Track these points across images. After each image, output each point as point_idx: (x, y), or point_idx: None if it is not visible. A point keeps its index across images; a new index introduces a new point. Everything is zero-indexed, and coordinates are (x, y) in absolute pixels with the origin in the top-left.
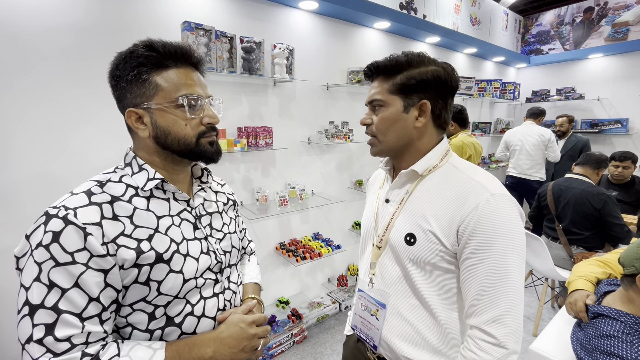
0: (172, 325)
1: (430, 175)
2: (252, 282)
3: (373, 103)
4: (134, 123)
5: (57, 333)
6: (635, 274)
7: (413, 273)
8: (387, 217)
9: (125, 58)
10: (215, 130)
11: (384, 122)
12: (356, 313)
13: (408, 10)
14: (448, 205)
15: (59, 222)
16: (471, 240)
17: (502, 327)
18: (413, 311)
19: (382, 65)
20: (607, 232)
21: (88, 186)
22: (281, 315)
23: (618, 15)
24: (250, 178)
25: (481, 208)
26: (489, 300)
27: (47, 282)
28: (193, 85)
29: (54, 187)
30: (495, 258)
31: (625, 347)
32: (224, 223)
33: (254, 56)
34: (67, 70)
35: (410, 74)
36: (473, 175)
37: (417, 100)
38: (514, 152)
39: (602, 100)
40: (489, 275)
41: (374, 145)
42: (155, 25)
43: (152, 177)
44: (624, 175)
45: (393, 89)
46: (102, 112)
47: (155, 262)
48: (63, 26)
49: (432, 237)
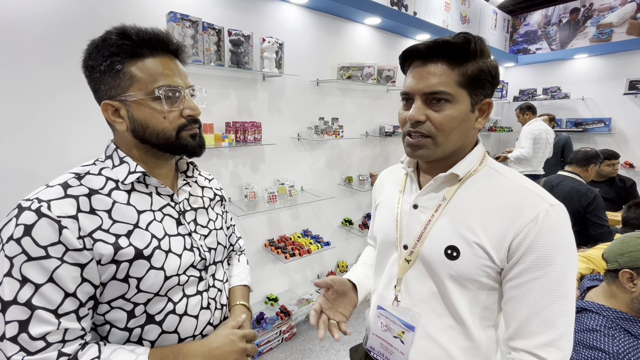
0: (153, 324)
1: (470, 180)
2: (240, 284)
3: (435, 95)
4: (111, 116)
5: (31, 330)
6: (618, 270)
7: (451, 290)
8: (419, 226)
9: (97, 46)
10: (197, 122)
11: (451, 121)
12: (374, 333)
13: (399, 7)
14: (498, 215)
15: (31, 215)
16: (528, 256)
17: (558, 351)
18: (446, 332)
19: (452, 45)
20: (587, 230)
21: (65, 178)
22: (270, 312)
23: (603, 17)
24: (239, 174)
25: (541, 221)
26: (545, 322)
27: (19, 277)
28: (171, 75)
29: (33, 183)
30: (554, 276)
31: (608, 340)
32: (210, 219)
33: (243, 49)
34: (48, 61)
35: (480, 65)
36: (521, 181)
37: (481, 98)
38: (544, 148)
39: (587, 100)
40: (546, 295)
41: (426, 147)
42: (140, 15)
43: (134, 170)
44: (615, 173)
45: (463, 81)
46: (85, 104)
47: (135, 259)
48: (44, 16)
49: (480, 251)
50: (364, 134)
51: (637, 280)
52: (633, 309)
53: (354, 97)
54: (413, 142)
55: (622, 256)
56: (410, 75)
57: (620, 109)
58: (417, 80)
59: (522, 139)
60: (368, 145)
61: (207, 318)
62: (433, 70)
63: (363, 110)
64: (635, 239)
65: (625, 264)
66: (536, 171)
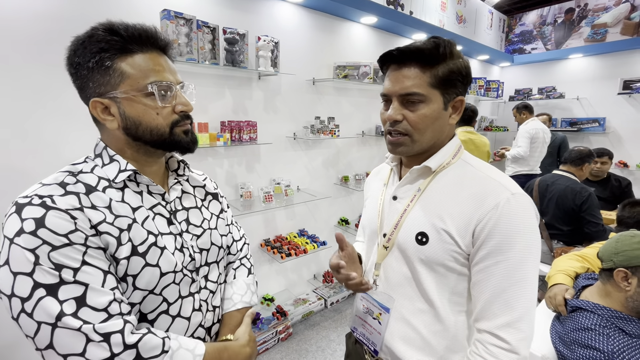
0: (145, 322)
1: (443, 172)
2: (234, 310)
3: (409, 97)
4: (100, 114)
5: (90, 302)
6: (612, 269)
7: (422, 275)
8: (396, 215)
9: (84, 43)
10: (189, 118)
11: (425, 120)
12: (357, 315)
13: (395, 6)
14: (465, 204)
15: (37, 209)
16: (489, 241)
17: (516, 332)
18: (419, 316)
19: (422, 50)
20: (582, 228)
21: (60, 177)
22: (266, 312)
23: (597, 17)
24: (234, 173)
25: (501, 208)
26: (504, 304)
27: (51, 265)
28: (162, 71)
29: (24, 181)
30: (513, 260)
31: (602, 339)
32: (205, 218)
33: (238, 48)
34: (38, 59)
35: (450, 67)
36: (490, 173)
37: (454, 96)
38: (541, 148)
39: (582, 100)
40: (506, 278)
41: (404, 144)
42: (132, 13)
43: (124, 168)
44: (602, 171)
45: (435, 82)
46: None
47: (131, 255)
48: (36, 12)
49: (447, 237)
50: (360, 134)
51: (632, 279)
52: (628, 307)
53: (350, 96)
54: (393, 140)
55: (617, 255)
56: (388, 78)
57: (615, 108)
58: (393, 83)
59: (519, 138)
60: (364, 145)
61: (198, 320)
62: (407, 74)
63: (359, 109)
64: (630, 238)
65: (620, 263)
66: (533, 170)
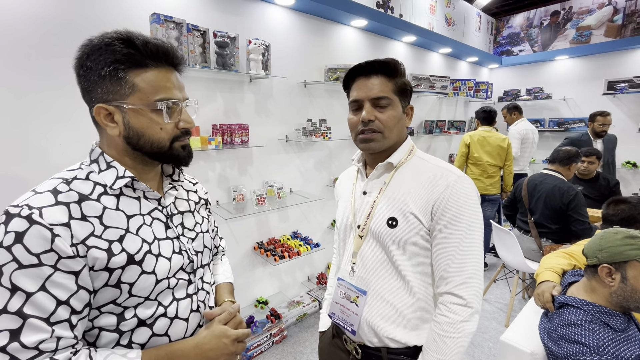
0: (143, 326)
1: (402, 167)
2: (227, 282)
3: (380, 100)
4: (103, 120)
5: (23, 339)
6: (597, 265)
7: (395, 255)
8: (367, 207)
9: (100, 49)
10: (189, 133)
11: (392, 119)
12: (335, 301)
13: (385, 9)
14: (423, 188)
15: (22, 222)
16: (444, 215)
17: (469, 288)
18: (395, 293)
19: (387, 63)
20: (569, 226)
21: (53, 184)
22: (260, 315)
23: (582, 20)
24: (226, 177)
25: (451, 187)
26: (458, 267)
27: (9, 285)
28: (172, 88)
29: (14, 186)
30: (463, 230)
31: (588, 334)
32: (197, 222)
33: (228, 51)
34: (27, 62)
35: (404, 80)
36: (439, 163)
37: (407, 104)
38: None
39: (568, 100)
40: (458, 245)
41: (377, 140)
42: (122, 16)
43: (122, 175)
44: (589, 170)
45: (396, 90)
46: (67, 106)
47: (127, 264)
48: (22, 15)
49: (412, 218)
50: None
51: (616, 274)
52: (612, 302)
53: (341, 98)
54: (367, 137)
55: (601, 252)
56: (357, 87)
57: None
58: (365, 89)
59: (510, 139)
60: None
61: (197, 321)
62: (375, 82)
63: None
64: (613, 234)
65: (604, 259)
66: (523, 170)
